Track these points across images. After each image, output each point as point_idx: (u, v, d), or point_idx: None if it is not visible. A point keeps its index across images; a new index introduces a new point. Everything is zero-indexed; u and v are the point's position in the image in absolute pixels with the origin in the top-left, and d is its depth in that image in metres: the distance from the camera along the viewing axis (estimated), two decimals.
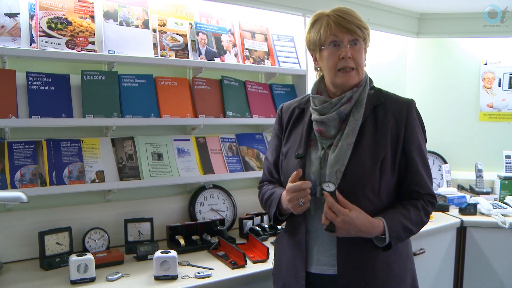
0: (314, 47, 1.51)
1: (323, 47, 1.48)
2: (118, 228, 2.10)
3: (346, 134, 1.44)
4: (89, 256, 1.69)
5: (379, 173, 1.43)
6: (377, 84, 1.58)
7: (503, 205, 2.84)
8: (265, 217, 2.37)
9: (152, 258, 1.73)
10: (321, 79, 1.57)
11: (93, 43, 2.03)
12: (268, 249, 1.94)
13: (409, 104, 1.51)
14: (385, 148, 1.44)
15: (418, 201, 1.48)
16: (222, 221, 2.28)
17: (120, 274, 1.74)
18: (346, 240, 1.42)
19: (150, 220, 2.11)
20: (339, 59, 1.45)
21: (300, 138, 1.55)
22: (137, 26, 2.16)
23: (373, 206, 1.43)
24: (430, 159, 3.27)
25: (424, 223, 1.50)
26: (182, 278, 1.72)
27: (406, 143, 1.47)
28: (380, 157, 1.43)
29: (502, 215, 2.71)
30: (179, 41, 2.29)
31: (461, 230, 2.70)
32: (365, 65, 1.52)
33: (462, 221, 2.68)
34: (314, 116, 1.51)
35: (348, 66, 1.45)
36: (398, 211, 1.45)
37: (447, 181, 3.09)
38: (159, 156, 2.24)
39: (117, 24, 2.11)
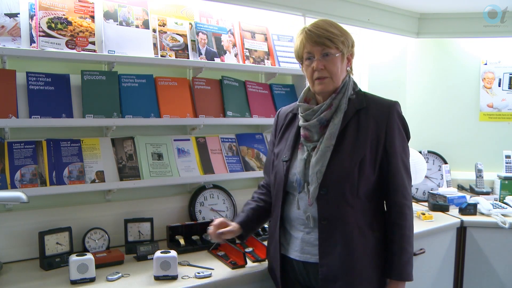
0: (298, 59, 1.69)
1: (301, 61, 1.66)
2: (118, 228, 2.10)
3: (326, 137, 1.59)
4: (89, 256, 1.69)
5: (358, 173, 1.55)
6: (377, 84, 1.59)
7: (503, 205, 2.84)
8: None
9: (152, 258, 1.73)
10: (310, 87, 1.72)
11: (93, 43, 2.03)
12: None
13: (390, 107, 1.61)
14: (364, 150, 1.56)
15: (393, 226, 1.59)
16: None
17: (120, 274, 1.74)
18: (327, 235, 1.56)
19: (150, 220, 2.11)
20: (313, 70, 1.61)
21: (290, 141, 1.71)
22: (137, 26, 2.16)
23: (350, 204, 1.55)
24: (430, 159, 3.27)
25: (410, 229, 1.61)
26: (182, 278, 1.72)
27: (387, 144, 1.58)
28: (359, 159, 1.55)
29: (502, 215, 2.71)
30: (179, 41, 2.29)
31: (461, 230, 2.69)
32: (348, 71, 1.66)
33: (462, 221, 2.68)
34: (300, 122, 1.68)
35: (322, 76, 1.60)
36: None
37: (447, 181, 3.09)
38: (159, 156, 2.24)
39: (117, 24, 2.11)
